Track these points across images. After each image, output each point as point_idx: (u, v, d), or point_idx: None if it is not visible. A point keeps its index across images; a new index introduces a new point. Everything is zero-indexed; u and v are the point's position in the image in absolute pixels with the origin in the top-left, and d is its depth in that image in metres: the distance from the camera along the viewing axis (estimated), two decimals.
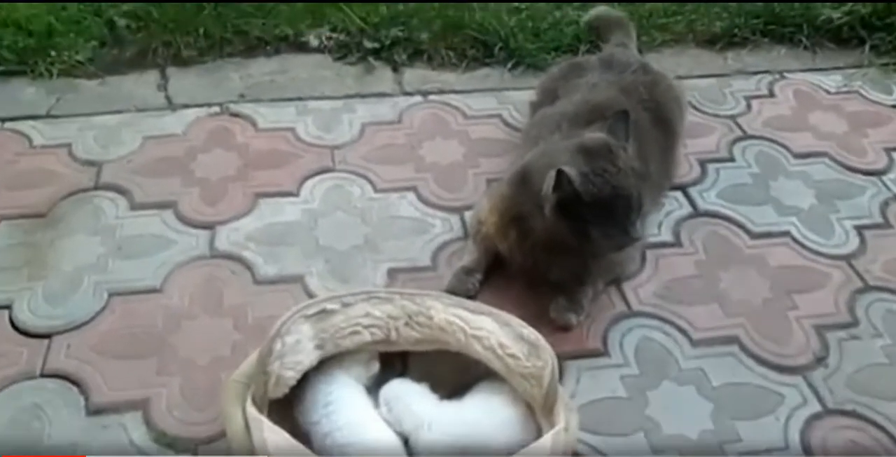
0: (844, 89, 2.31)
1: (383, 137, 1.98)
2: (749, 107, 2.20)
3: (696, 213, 1.84)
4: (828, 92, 2.29)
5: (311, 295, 1.53)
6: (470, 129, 2.03)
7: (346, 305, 1.25)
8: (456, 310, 1.27)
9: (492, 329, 1.24)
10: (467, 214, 1.75)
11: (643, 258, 1.69)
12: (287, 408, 1.20)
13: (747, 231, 1.80)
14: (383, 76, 2.20)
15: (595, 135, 1.47)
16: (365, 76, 2.19)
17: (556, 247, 1.48)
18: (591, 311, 1.56)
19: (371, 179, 1.85)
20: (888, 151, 2.09)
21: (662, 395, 1.42)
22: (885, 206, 1.91)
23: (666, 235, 1.77)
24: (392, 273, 1.61)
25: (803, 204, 1.89)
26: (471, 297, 1.54)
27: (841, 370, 1.50)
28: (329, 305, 1.23)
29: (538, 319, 1.44)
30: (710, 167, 1.97)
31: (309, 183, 1.82)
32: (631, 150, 1.46)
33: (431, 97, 2.14)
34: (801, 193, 1.92)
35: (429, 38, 2.27)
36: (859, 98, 2.28)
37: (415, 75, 2.21)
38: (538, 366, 1.18)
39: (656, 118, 1.75)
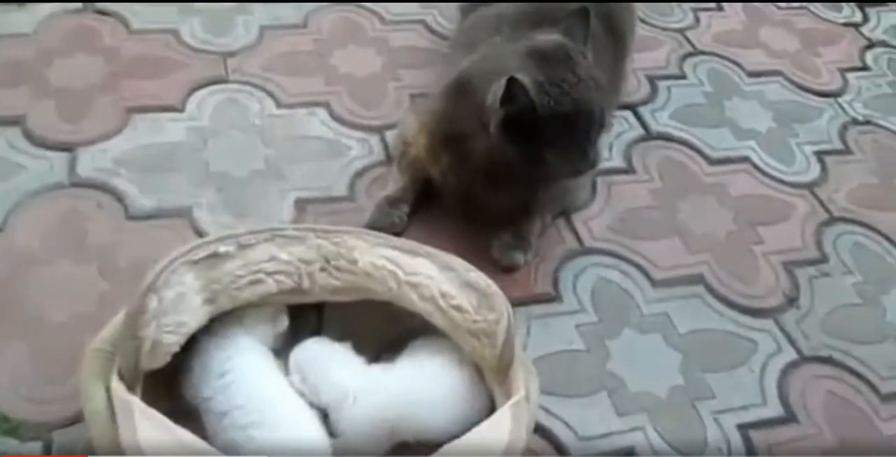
0: (795, 5, 2.13)
1: (286, 44, 1.65)
2: (698, 20, 1.99)
3: (649, 135, 1.62)
4: (777, 7, 2.11)
5: (200, 233, 1.24)
6: (389, 35, 1.73)
7: (244, 246, 0.97)
8: (385, 250, 1.01)
9: (431, 274, 0.99)
10: (389, 135, 1.47)
11: (593, 186, 1.47)
12: (169, 382, 0.92)
13: (705, 156, 1.61)
14: None
15: (549, 37, 1.20)
16: None
17: (500, 172, 1.23)
18: (539, 248, 1.33)
19: (273, 92, 1.53)
20: (842, 71, 1.94)
21: (624, 345, 1.22)
22: (843, 130, 1.76)
23: (617, 160, 1.55)
24: (301, 204, 1.33)
25: (761, 127, 1.71)
26: (397, 233, 1.28)
27: (814, 312, 1.34)
28: (222, 247, 0.95)
29: (478, 259, 1.17)
30: (661, 85, 1.75)
31: (196, 96, 1.49)
32: (590, 57, 1.21)
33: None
34: (758, 115, 1.74)
35: None
36: (809, 15, 2.12)
37: None
38: (490, 319, 0.94)
39: (607, 27, 1.50)
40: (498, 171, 1.22)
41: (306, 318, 1.07)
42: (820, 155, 1.67)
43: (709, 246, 1.42)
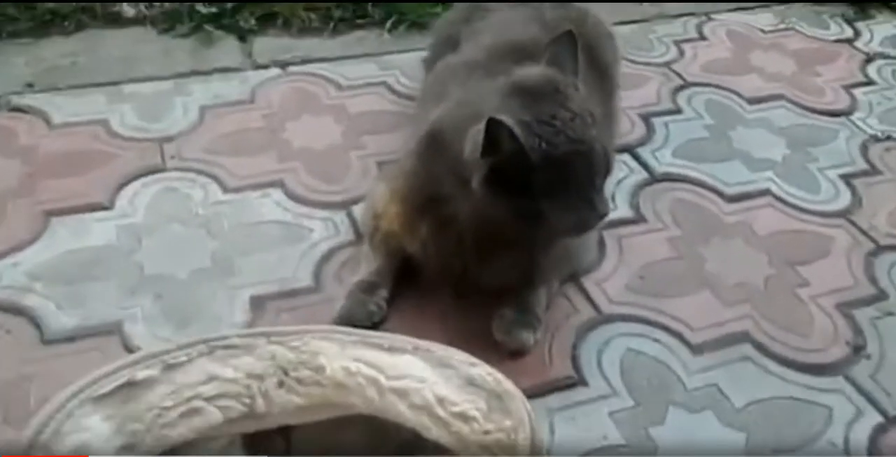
0: (781, 27, 1.99)
1: (231, 122, 1.47)
2: (682, 52, 1.83)
3: (654, 178, 1.43)
4: (762, 31, 1.97)
5: (134, 351, 1.01)
6: (347, 102, 1.55)
7: (171, 366, 0.74)
8: (360, 350, 0.79)
9: (423, 375, 0.76)
10: (357, 209, 1.27)
11: (601, 243, 1.26)
12: None
13: (720, 194, 1.40)
14: (227, 48, 1.68)
15: (532, 70, 1.01)
16: (202, 50, 1.67)
17: (491, 238, 1.02)
18: (549, 322, 1.11)
19: (218, 175, 1.33)
20: (846, 88, 1.77)
21: (672, 432, 0.98)
22: (864, 149, 1.57)
23: (624, 210, 1.34)
24: (257, 303, 1.11)
25: (775, 155, 1.52)
26: (376, 324, 1.06)
27: (887, 360, 1.11)
28: (141, 372, 0.73)
29: (477, 345, 0.98)
30: (657, 122, 1.57)
31: (128, 190, 1.29)
32: (583, 89, 1.01)
33: (293, 69, 1.64)
34: (769, 143, 1.55)
35: None
36: (798, 35, 1.97)
37: (268, 44, 1.71)
38: (506, 427, 0.72)
39: (590, 61, 1.31)
40: (488, 236, 1.01)
41: (271, 441, 0.84)
42: (847, 178, 1.48)
43: (746, 296, 1.19)
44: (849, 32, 2.00)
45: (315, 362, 0.77)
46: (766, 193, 1.42)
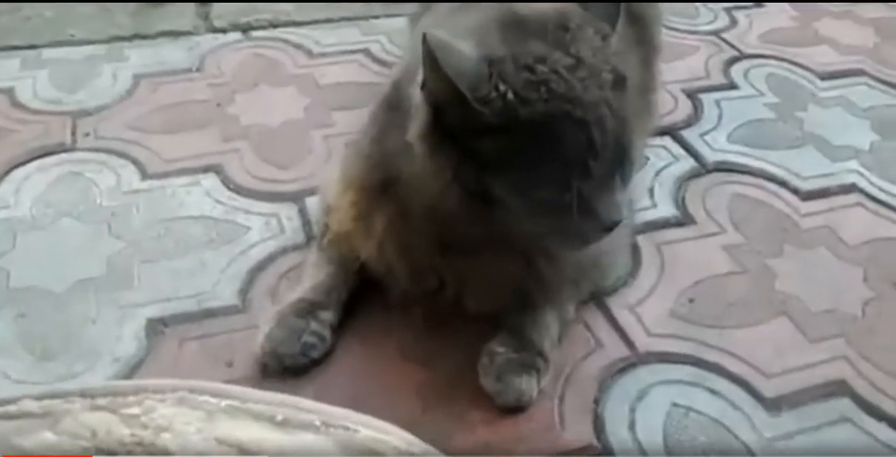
0: None
1: (169, 93, 1.17)
2: (734, 20, 1.50)
3: (704, 167, 1.10)
4: None
5: None
6: (317, 71, 1.24)
7: None
8: (234, 424, 0.47)
9: None
10: (312, 203, 0.96)
11: (634, 250, 0.94)
12: None
13: (792, 189, 1.07)
14: (180, 9, 1.39)
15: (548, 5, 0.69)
16: (149, 11, 1.37)
17: (471, 236, 0.71)
18: (561, 363, 0.78)
19: (138, 158, 1.03)
20: None
21: None
22: None
23: (665, 207, 1.02)
24: (155, 327, 0.80)
25: (860, 142, 1.19)
26: (314, 362, 0.75)
27: None
28: None
29: (458, 396, 0.67)
30: (705, 99, 1.25)
31: (17, 174, 0.99)
32: (616, 42, 0.68)
33: (257, 33, 1.35)
34: (851, 127, 1.22)
35: None
36: (875, 4, 1.61)
37: (231, 6, 1.41)
38: None
39: (626, 17, 0.98)
40: (465, 233, 0.70)
41: None
42: None
43: (839, 327, 0.86)
44: None
45: (157, 444, 0.46)
46: (851, 188, 1.09)
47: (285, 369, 0.74)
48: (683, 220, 1.00)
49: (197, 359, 0.76)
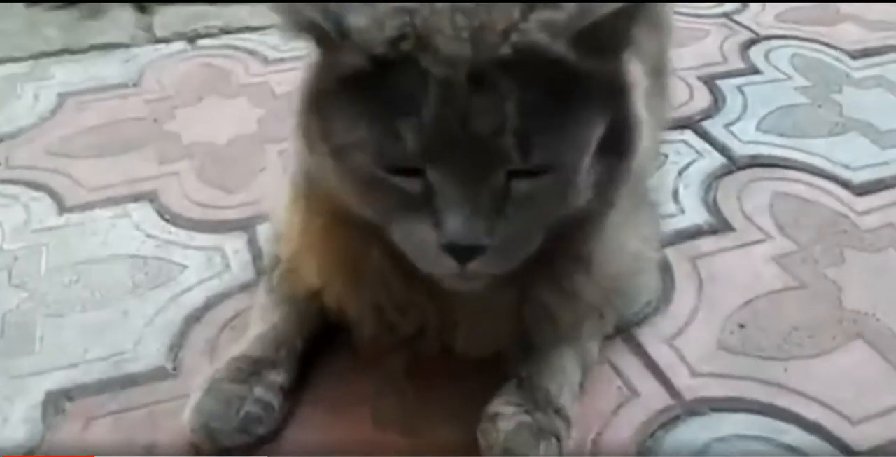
0: None
1: (99, 112, 1.00)
2: (744, 2, 1.33)
3: (734, 163, 0.93)
4: None
5: None
6: (273, 78, 1.08)
7: None
8: None
9: None
10: (263, 232, 0.78)
11: (663, 266, 0.75)
12: None
13: (842, 183, 0.90)
14: (118, 20, 1.22)
15: None
16: (83, 23, 1.21)
17: None
18: (584, 420, 0.60)
19: (56, 188, 0.86)
20: None
21: None
22: None
23: (695, 213, 0.84)
24: (55, 402, 0.62)
25: None
26: (261, 439, 0.57)
27: None
28: None
29: None
30: (725, 86, 1.08)
31: None
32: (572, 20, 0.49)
33: (205, 42, 1.18)
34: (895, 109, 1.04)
35: None
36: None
37: (176, 14, 1.24)
38: None
39: None
40: None
41: None
42: None
43: None
44: None
45: None
46: None
47: (222, 451, 0.56)
48: (718, 226, 0.82)
49: (107, 442, 0.58)
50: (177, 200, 0.84)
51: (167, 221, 0.82)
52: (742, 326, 0.71)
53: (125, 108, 1.00)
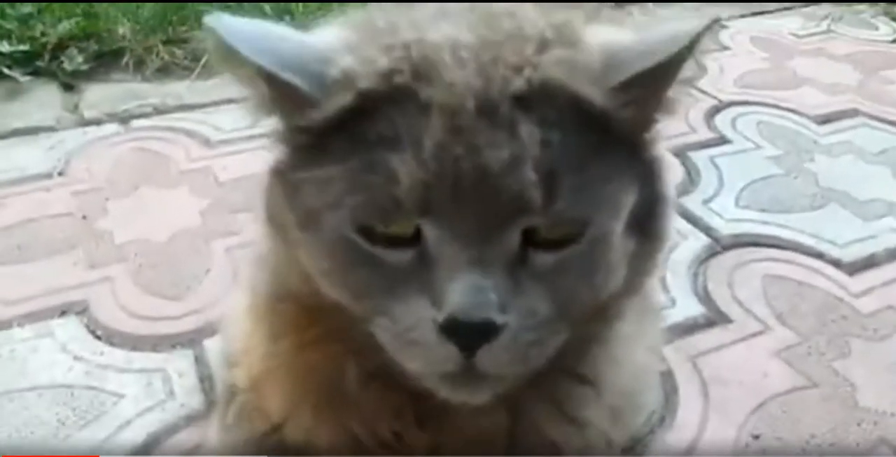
0: (817, 30, 1.50)
1: (15, 210, 0.90)
2: (702, 66, 1.30)
3: (719, 243, 0.87)
4: (797, 36, 1.46)
5: None
6: (217, 163, 0.99)
7: None
8: None
9: None
10: (212, 347, 0.68)
11: (665, 372, 0.68)
12: None
13: (833, 261, 0.85)
14: (41, 99, 1.13)
15: None
16: (2, 105, 1.10)
17: None
18: None
19: None
20: None
21: None
22: None
23: (687, 303, 0.78)
24: None
25: (887, 193, 0.99)
26: None
27: None
28: None
29: None
30: (697, 158, 1.03)
31: None
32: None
33: (139, 123, 1.08)
34: (871, 176, 1.03)
35: (134, 30, 1.23)
36: (842, 38, 1.48)
37: (106, 92, 1.15)
38: None
39: None
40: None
41: None
42: None
43: None
44: None
45: None
46: None
47: None
48: (714, 318, 0.76)
49: None
50: (110, 312, 0.74)
51: (99, 338, 0.71)
52: (756, 437, 0.64)
53: (47, 203, 0.90)
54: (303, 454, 0.53)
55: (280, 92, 0.39)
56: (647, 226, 0.43)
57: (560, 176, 0.37)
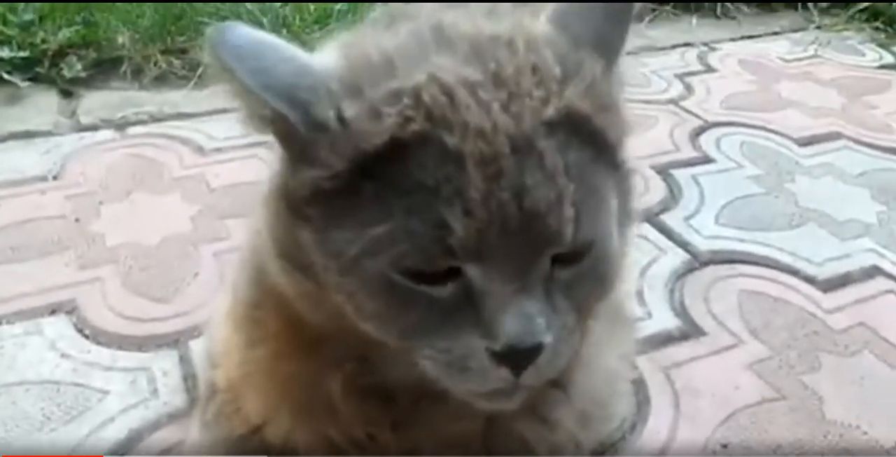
0: (804, 55, 1.53)
1: (10, 210, 0.91)
2: (689, 87, 1.35)
3: (697, 259, 0.89)
4: (784, 60, 1.49)
5: None
6: (210, 170, 1.01)
7: None
8: None
9: None
10: (197, 348, 0.70)
11: (638, 381, 0.70)
12: None
13: (808, 278, 0.87)
14: (39, 106, 1.15)
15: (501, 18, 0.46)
16: (1, 110, 1.12)
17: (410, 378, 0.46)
18: None
19: None
20: None
21: None
22: None
23: (663, 316, 0.79)
24: None
25: (864, 214, 1.02)
26: None
27: None
28: None
29: None
30: (679, 176, 1.05)
31: None
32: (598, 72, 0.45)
33: (135, 130, 1.11)
34: (849, 197, 1.05)
35: (133, 39, 1.25)
36: (829, 63, 1.52)
37: (104, 99, 1.17)
38: None
39: None
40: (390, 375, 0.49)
41: None
42: None
43: None
44: (889, 58, 1.55)
45: None
46: (874, 272, 0.90)
47: None
48: (689, 331, 0.78)
49: None
50: (98, 312, 0.76)
51: (86, 337, 0.73)
52: (725, 446, 0.65)
53: (42, 206, 0.92)
54: (282, 455, 0.55)
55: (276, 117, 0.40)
56: (621, 219, 0.45)
57: (582, 206, 0.40)
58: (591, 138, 0.42)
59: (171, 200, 0.94)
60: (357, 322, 0.43)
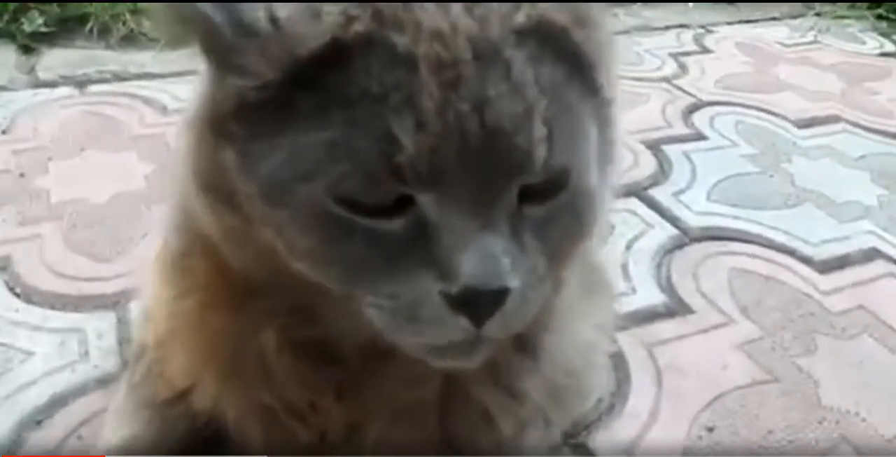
0: (804, 40, 1.48)
1: None
2: (683, 66, 1.29)
3: (687, 235, 0.83)
4: (783, 44, 1.44)
5: None
6: (172, 130, 0.94)
7: None
8: None
9: None
10: (136, 308, 0.64)
11: (616, 354, 0.64)
12: None
13: (804, 259, 0.81)
14: None
15: None
16: None
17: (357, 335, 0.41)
18: None
19: None
20: None
21: None
22: None
23: (648, 292, 0.74)
24: None
25: (864, 196, 0.96)
26: None
27: None
28: None
29: None
30: (671, 151, 1.00)
31: None
32: None
33: (97, 88, 1.04)
34: (848, 180, 1.00)
35: None
36: (828, 49, 1.46)
37: (66, 57, 1.11)
38: None
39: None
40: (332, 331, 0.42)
41: None
42: None
43: None
44: (890, 47, 1.50)
45: None
46: (873, 254, 0.84)
47: None
48: (675, 308, 0.72)
49: None
50: (33, 270, 0.69)
51: (17, 295, 0.66)
52: (711, 429, 0.60)
53: None
54: (213, 425, 0.49)
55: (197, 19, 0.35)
56: (600, 165, 0.39)
57: (554, 124, 0.34)
58: (567, 54, 0.36)
59: (126, 158, 0.88)
60: (289, 262, 0.37)
